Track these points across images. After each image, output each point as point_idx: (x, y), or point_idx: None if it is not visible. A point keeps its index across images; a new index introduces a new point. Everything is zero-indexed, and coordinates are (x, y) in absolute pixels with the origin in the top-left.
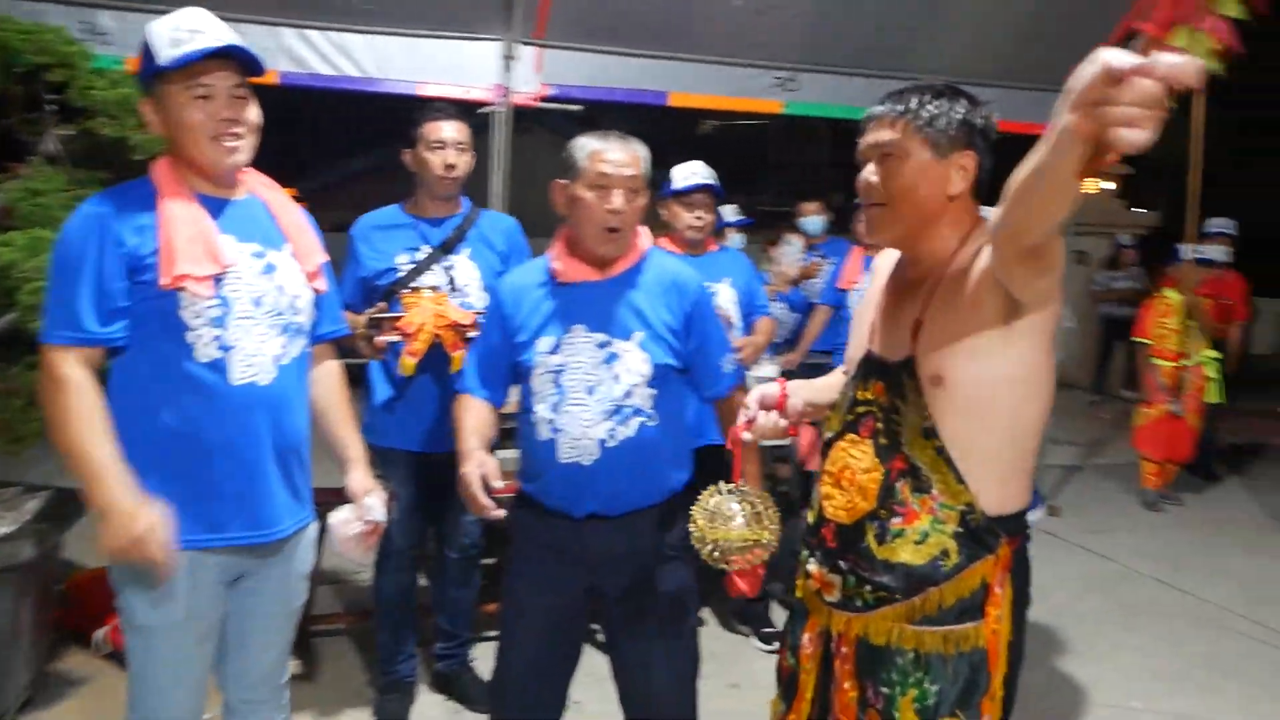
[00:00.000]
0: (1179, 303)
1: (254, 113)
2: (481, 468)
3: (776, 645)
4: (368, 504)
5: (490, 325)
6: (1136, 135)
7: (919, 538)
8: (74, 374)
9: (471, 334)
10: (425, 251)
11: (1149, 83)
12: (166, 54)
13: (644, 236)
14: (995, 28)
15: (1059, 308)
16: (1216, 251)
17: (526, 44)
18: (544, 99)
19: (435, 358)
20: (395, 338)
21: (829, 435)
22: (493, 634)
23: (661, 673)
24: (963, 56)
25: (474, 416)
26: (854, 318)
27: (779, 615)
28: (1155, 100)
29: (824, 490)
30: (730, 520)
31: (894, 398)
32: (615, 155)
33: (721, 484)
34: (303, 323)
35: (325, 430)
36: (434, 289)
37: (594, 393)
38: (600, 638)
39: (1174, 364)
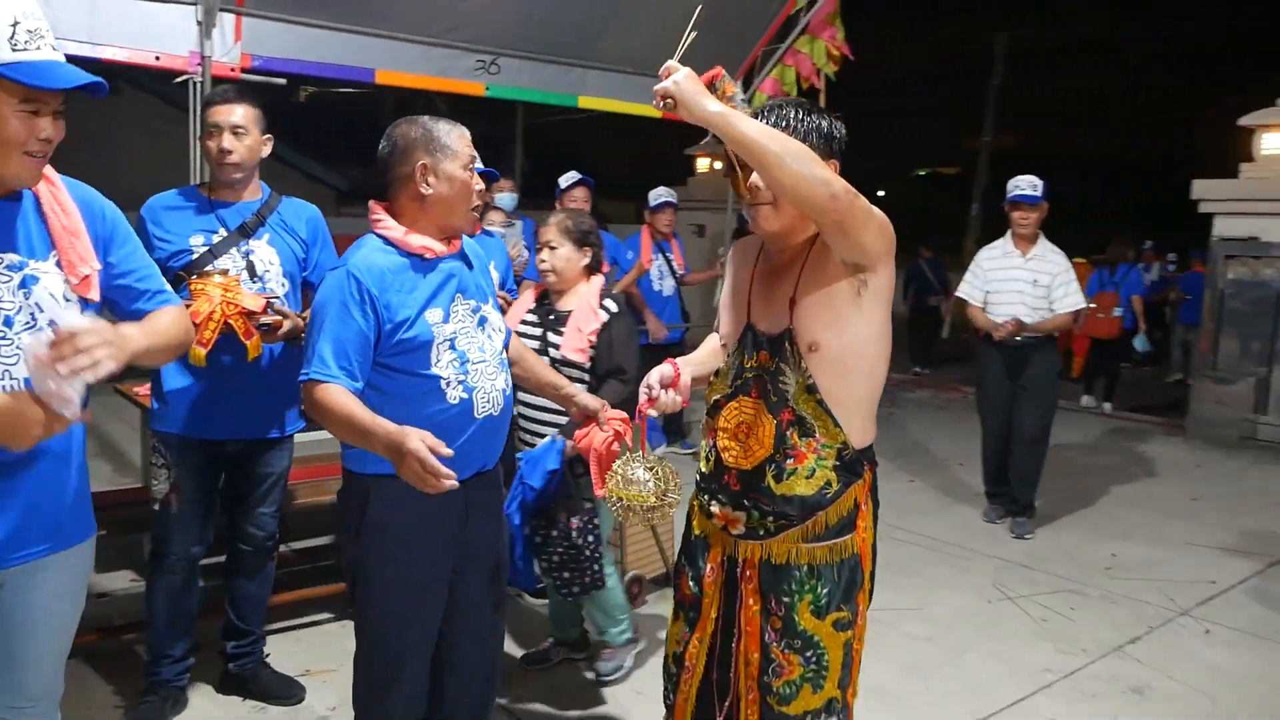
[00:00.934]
0: None
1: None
2: (424, 439)
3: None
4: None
5: (351, 312)
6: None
7: (809, 473)
8: None
9: (265, 320)
10: (222, 235)
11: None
12: (5, 54)
13: None
14: (676, 22)
15: (892, 278)
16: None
17: (225, 10)
18: (245, 70)
19: (231, 344)
20: None
21: (716, 398)
22: (282, 625)
23: (497, 636)
24: (649, 47)
25: (357, 402)
26: (725, 302)
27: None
28: None
29: (722, 444)
30: (642, 485)
31: (778, 362)
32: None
33: (631, 454)
34: None
35: None
36: (224, 274)
37: (484, 351)
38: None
39: None
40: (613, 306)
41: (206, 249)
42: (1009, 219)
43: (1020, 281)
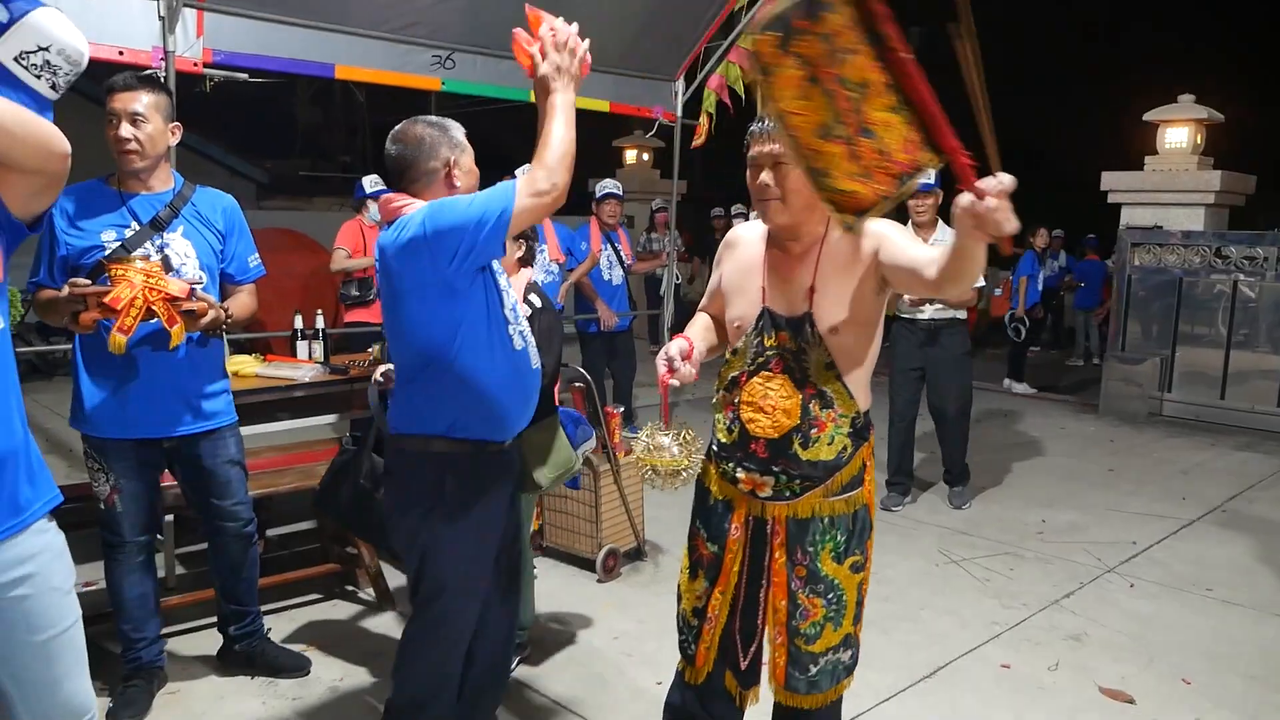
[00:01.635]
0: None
1: None
2: None
3: None
4: None
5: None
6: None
7: (830, 440)
8: None
9: (188, 306)
10: (134, 229)
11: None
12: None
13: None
14: (618, 24)
15: None
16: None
17: (187, 5)
18: (208, 65)
19: (153, 334)
20: (100, 316)
21: (734, 374)
22: (272, 607)
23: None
24: (597, 45)
25: None
26: (733, 286)
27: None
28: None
29: (746, 415)
30: (665, 451)
31: (799, 342)
32: None
33: (655, 423)
34: None
35: None
36: (146, 259)
37: (516, 309)
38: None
39: None
40: (536, 301)
41: (119, 243)
42: (907, 208)
43: None
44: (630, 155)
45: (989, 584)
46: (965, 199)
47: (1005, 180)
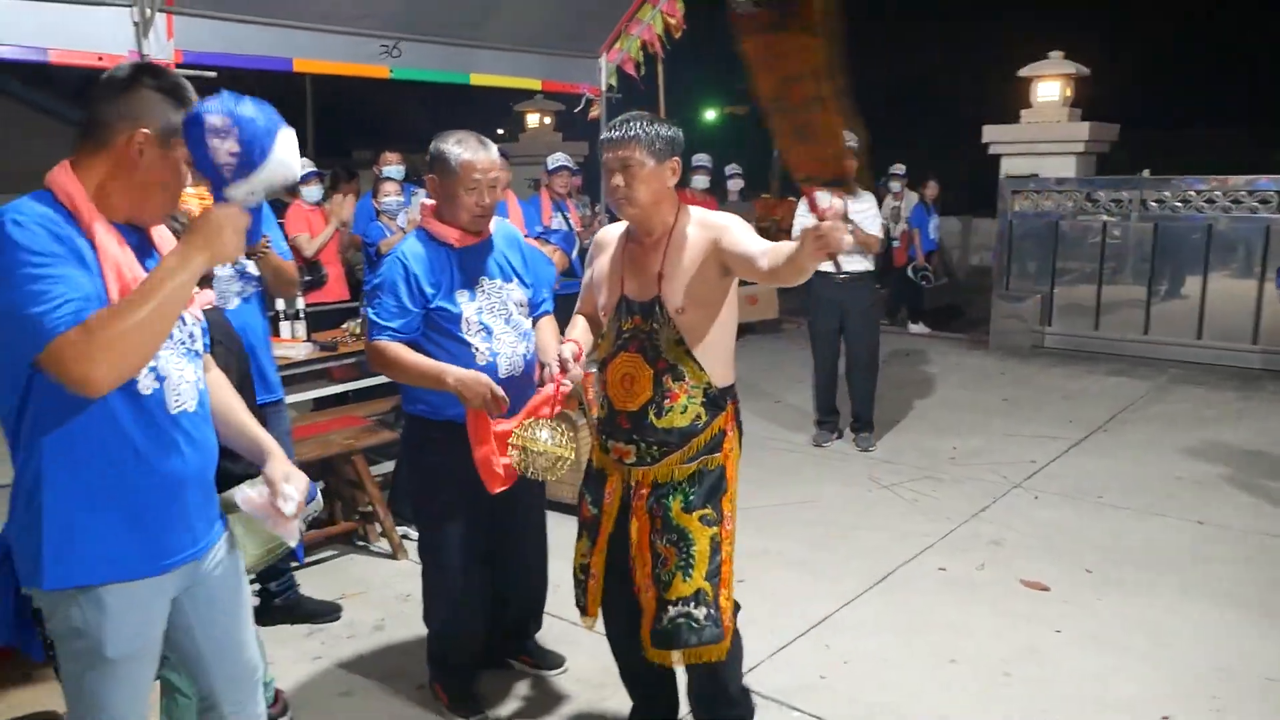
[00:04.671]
0: None
1: None
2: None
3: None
4: (285, 491)
5: (403, 290)
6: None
7: (682, 409)
8: None
9: None
10: None
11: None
12: None
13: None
14: (549, 4)
15: None
16: (700, 180)
17: (160, 10)
18: (179, 65)
19: None
20: None
21: (602, 357)
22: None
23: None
24: (530, 28)
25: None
26: (599, 279)
27: None
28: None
29: (611, 393)
30: (539, 441)
31: (650, 323)
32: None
33: (536, 419)
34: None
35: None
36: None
37: (510, 321)
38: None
39: None
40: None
41: None
42: None
43: None
44: (532, 119)
45: (915, 504)
46: (809, 221)
47: (838, 205)
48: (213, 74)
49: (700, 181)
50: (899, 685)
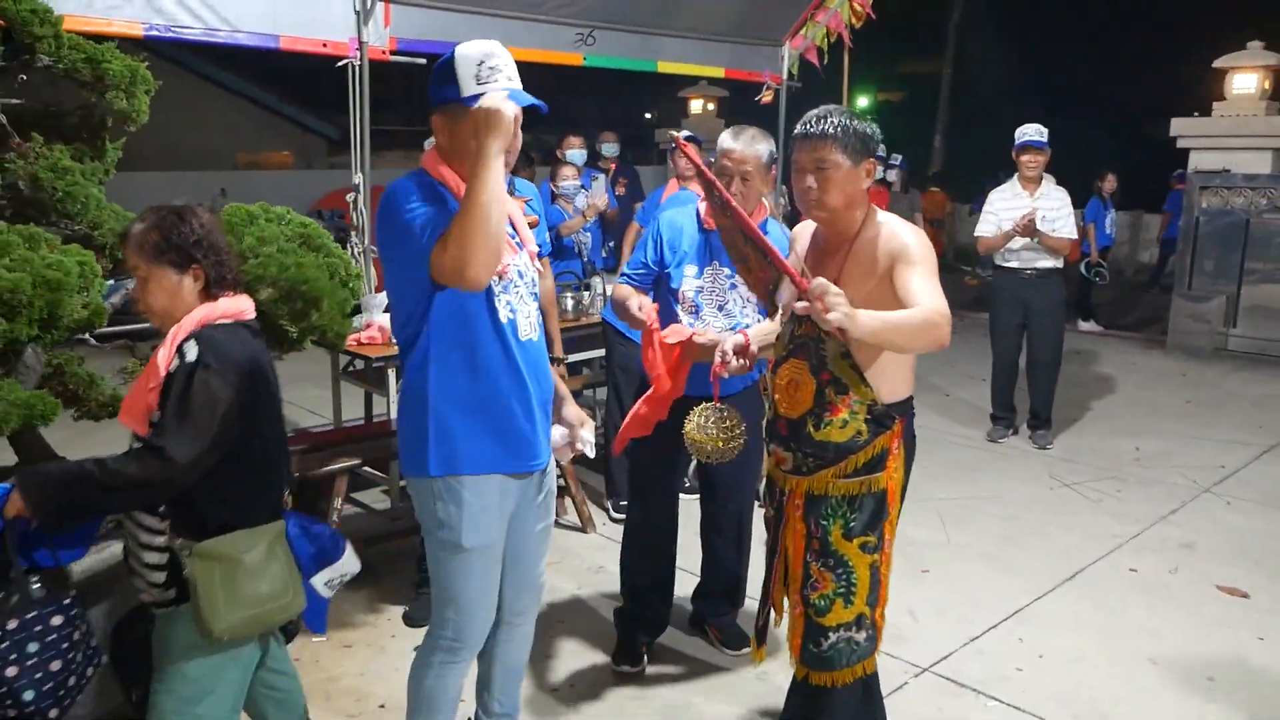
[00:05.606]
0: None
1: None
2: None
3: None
4: (583, 435)
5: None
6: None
7: (842, 424)
8: None
9: None
10: None
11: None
12: (470, 88)
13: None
14: None
15: None
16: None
17: (380, 0)
18: (394, 52)
19: None
20: None
21: (775, 361)
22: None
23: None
24: (717, 16)
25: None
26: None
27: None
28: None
29: (776, 397)
30: (708, 429)
31: (819, 332)
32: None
33: (706, 405)
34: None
35: None
36: None
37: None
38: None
39: None
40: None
41: None
42: (1017, 162)
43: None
44: (695, 105)
45: (1101, 504)
46: (799, 304)
47: (814, 287)
48: (422, 60)
49: (890, 176)
50: (1098, 683)
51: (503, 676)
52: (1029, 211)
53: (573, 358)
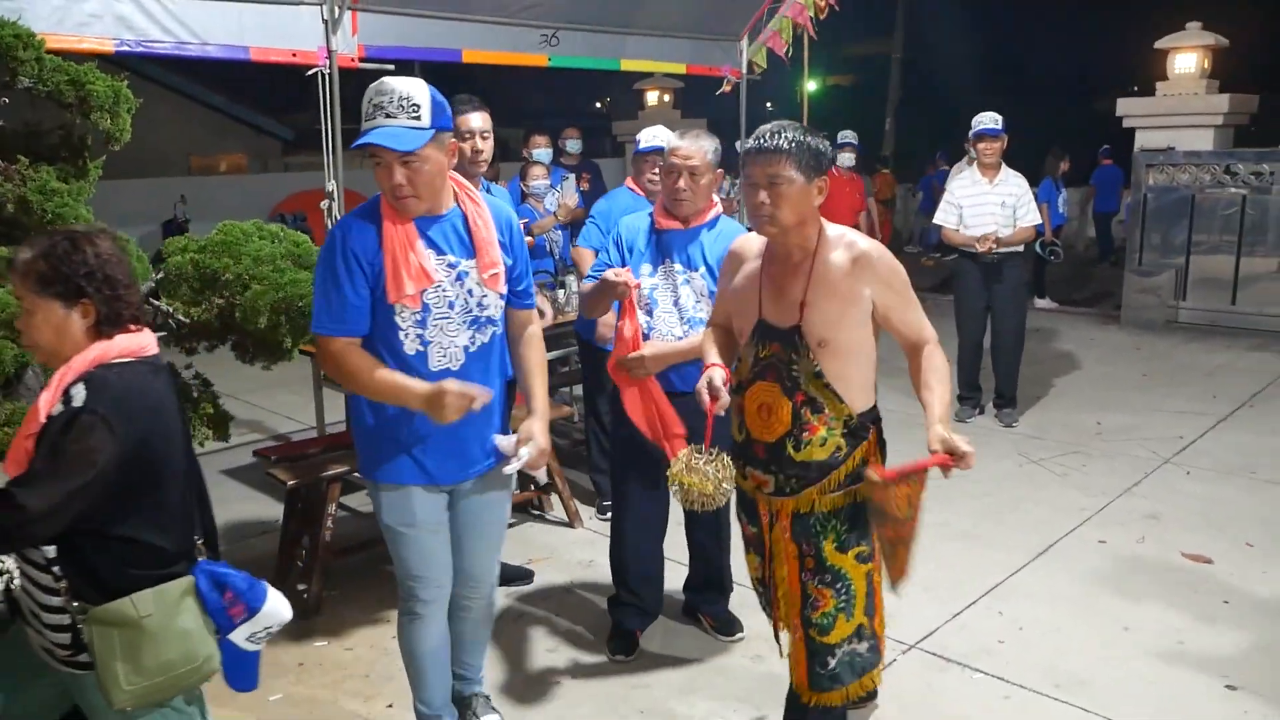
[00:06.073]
0: None
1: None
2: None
3: None
4: (521, 452)
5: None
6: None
7: (821, 442)
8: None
9: None
10: None
11: None
12: (364, 125)
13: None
14: None
15: None
16: (846, 158)
17: (347, 8)
18: (361, 59)
19: None
20: None
21: (739, 381)
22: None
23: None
24: (677, 13)
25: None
26: (737, 297)
27: None
28: None
29: (748, 421)
30: (698, 473)
31: (789, 352)
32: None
33: (695, 446)
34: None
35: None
36: None
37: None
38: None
39: None
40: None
41: None
42: (975, 150)
43: (990, 205)
44: (652, 97)
45: (1067, 478)
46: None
47: (954, 450)
48: (390, 66)
49: (847, 160)
50: (1077, 650)
51: (460, 646)
52: (990, 235)
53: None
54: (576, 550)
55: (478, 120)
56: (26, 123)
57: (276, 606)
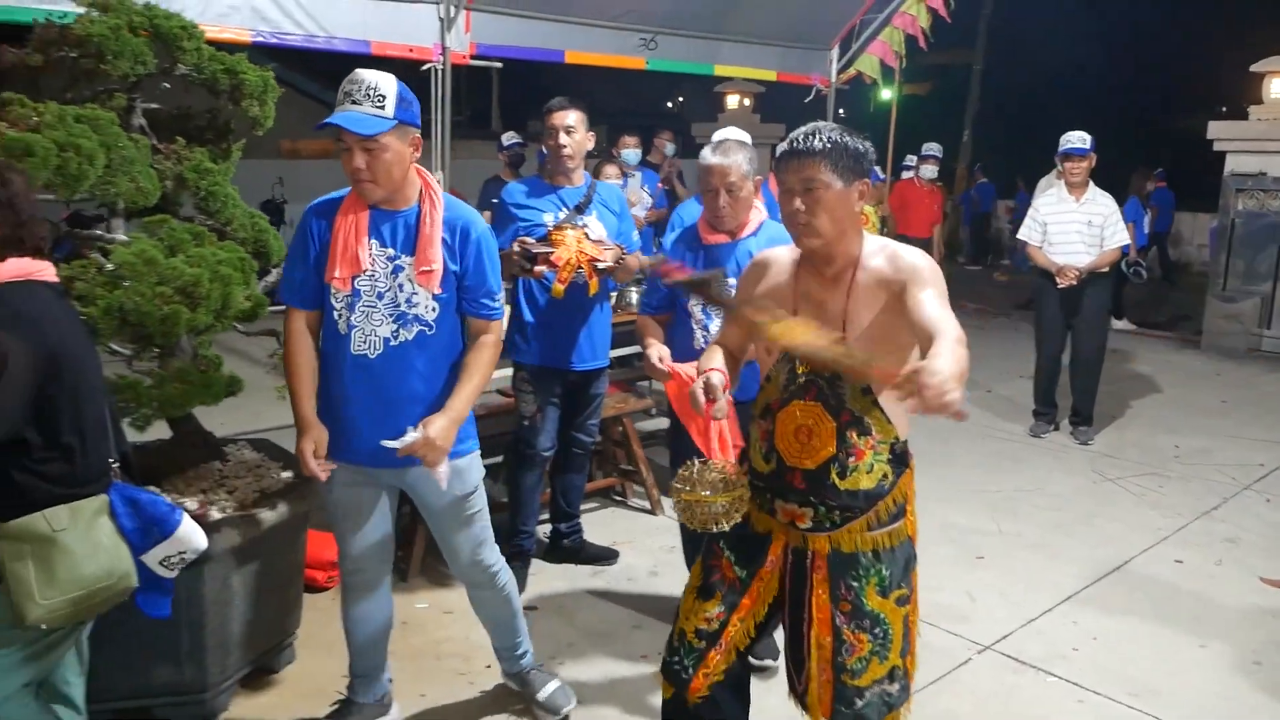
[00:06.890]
0: (873, 214)
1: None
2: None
3: None
4: (411, 435)
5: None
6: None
7: (868, 468)
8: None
9: (603, 266)
10: (565, 212)
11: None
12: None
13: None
14: (794, 1)
15: None
16: (929, 170)
17: (463, 8)
18: (473, 57)
19: (579, 285)
20: (546, 269)
21: (767, 402)
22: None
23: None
24: (771, 21)
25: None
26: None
27: None
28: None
29: (781, 446)
30: (707, 488)
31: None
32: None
33: (705, 461)
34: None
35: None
36: (575, 226)
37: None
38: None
39: None
40: None
41: (555, 222)
42: (1062, 169)
43: (1076, 224)
44: (732, 101)
45: (1144, 498)
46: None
47: (922, 378)
48: (499, 64)
49: (929, 172)
50: (1151, 662)
51: (488, 628)
52: (1070, 268)
53: (627, 351)
54: (659, 536)
55: (561, 117)
56: (179, 107)
57: (189, 532)
